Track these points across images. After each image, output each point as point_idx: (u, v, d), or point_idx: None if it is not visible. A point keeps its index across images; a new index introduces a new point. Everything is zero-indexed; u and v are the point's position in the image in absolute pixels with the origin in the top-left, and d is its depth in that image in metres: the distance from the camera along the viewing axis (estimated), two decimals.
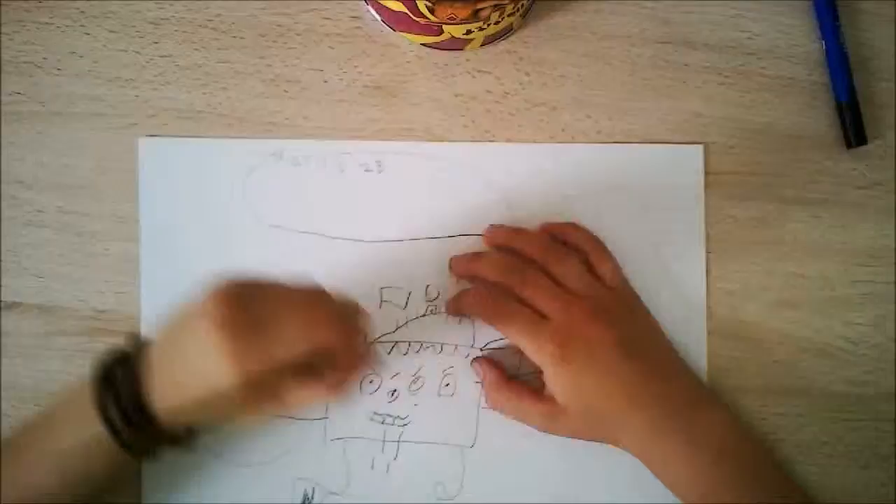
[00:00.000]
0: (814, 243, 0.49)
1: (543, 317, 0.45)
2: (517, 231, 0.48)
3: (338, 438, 0.48)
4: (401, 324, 0.48)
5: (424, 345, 0.48)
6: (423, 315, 0.48)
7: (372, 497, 0.48)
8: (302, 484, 0.48)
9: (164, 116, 0.49)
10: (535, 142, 0.49)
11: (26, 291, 0.49)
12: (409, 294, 0.48)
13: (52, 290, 0.49)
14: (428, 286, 0.48)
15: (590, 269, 0.47)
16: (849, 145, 0.49)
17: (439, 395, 0.48)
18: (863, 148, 0.49)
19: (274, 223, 0.48)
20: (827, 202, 0.49)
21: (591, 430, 0.45)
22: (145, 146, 0.49)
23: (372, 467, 0.48)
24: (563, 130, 0.49)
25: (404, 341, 0.48)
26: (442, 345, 0.48)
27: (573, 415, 0.45)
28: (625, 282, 0.48)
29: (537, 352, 0.45)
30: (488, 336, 0.48)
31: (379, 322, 0.48)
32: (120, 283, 0.49)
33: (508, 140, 0.49)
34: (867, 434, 0.49)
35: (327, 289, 0.40)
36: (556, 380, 0.45)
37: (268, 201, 0.48)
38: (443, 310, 0.48)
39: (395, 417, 0.48)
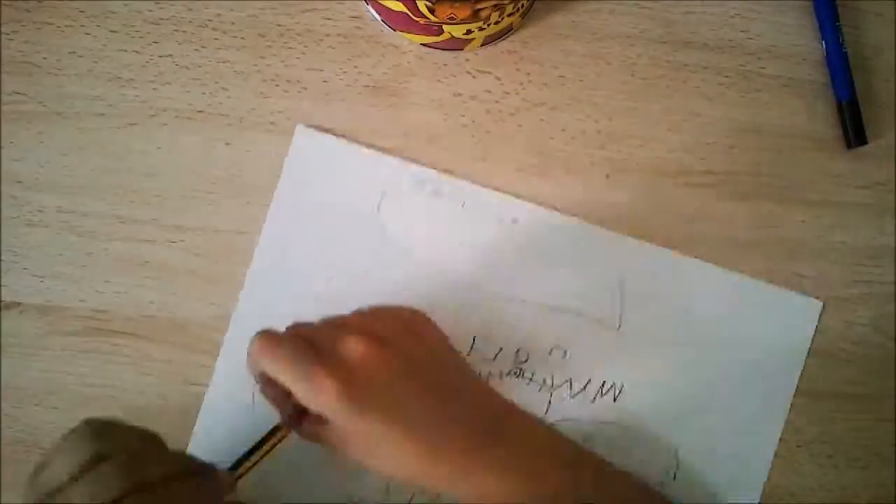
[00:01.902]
0: (814, 243, 0.49)
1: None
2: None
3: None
4: (483, 376, 0.48)
5: None
6: (507, 373, 0.48)
7: None
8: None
9: (164, 116, 0.49)
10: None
11: (26, 291, 0.49)
12: (500, 350, 0.48)
13: (52, 290, 0.49)
14: (519, 350, 0.48)
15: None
16: (849, 145, 0.49)
17: None
18: (863, 148, 0.49)
19: (397, 244, 0.49)
20: (827, 202, 0.49)
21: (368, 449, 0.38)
22: (301, 134, 0.49)
23: None
24: (563, 130, 0.49)
25: None
26: None
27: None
28: None
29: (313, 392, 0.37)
30: (561, 411, 0.48)
31: None
32: (120, 283, 0.49)
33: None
34: (867, 434, 0.49)
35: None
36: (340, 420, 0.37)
37: (397, 224, 0.49)
38: (527, 374, 0.48)
39: None
